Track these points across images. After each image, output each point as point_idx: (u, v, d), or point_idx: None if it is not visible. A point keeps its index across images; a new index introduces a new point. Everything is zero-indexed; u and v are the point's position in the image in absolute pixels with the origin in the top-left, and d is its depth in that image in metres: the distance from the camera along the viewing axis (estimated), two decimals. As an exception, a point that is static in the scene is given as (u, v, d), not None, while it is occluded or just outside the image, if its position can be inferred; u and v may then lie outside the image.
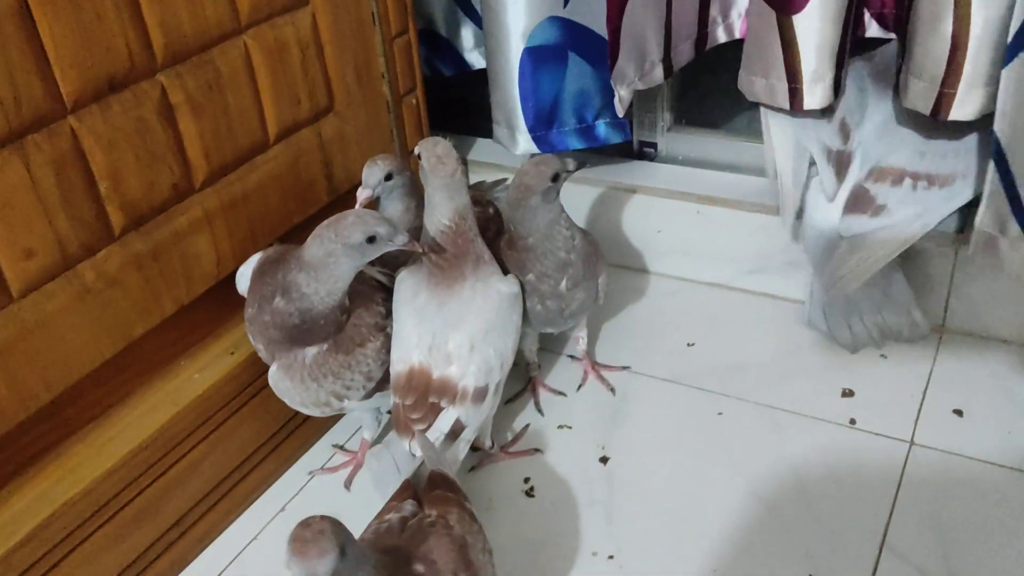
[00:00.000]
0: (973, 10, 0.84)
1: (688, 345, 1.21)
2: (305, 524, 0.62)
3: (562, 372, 1.19)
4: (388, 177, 1.00)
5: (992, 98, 0.87)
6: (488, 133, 1.27)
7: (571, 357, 1.20)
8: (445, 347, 0.92)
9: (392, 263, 1.07)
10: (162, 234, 0.90)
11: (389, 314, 0.97)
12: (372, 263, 1.01)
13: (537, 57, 1.16)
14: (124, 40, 0.82)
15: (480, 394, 0.92)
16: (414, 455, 0.90)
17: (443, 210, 0.93)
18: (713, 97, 1.34)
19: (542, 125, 1.20)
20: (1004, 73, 0.82)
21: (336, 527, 0.62)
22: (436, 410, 0.92)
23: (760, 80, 1.03)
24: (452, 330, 0.92)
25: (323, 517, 0.62)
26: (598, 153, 1.31)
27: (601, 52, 1.13)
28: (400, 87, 1.17)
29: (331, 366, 0.92)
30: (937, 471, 0.99)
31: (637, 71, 1.12)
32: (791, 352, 1.17)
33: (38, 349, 0.81)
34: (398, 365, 0.94)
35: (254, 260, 0.95)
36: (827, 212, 1.11)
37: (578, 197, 1.33)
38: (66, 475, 0.84)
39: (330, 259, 0.86)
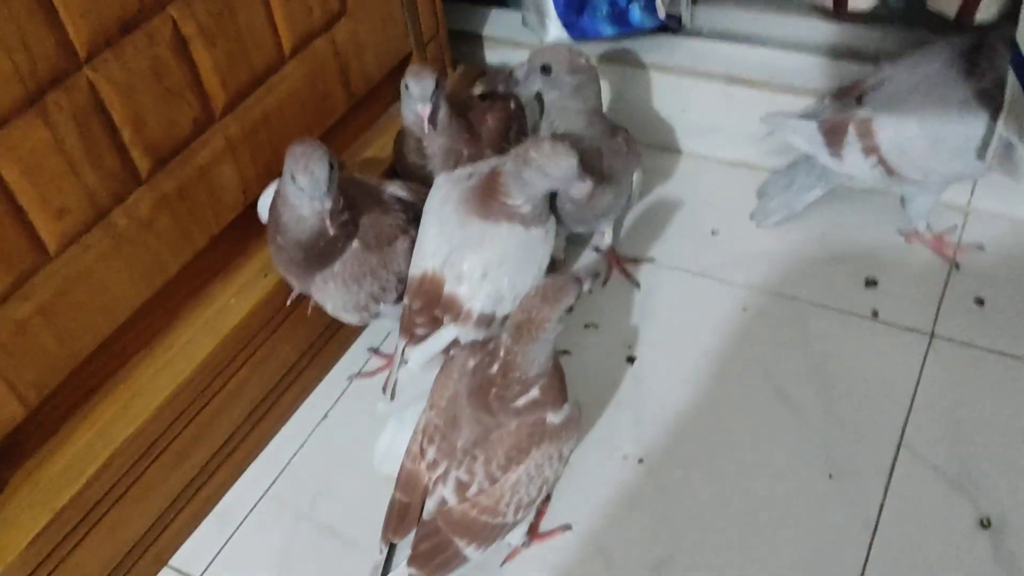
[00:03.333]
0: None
1: (712, 233, 1.21)
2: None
3: (587, 265, 1.20)
4: (437, 84, 0.99)
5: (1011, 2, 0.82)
6: (508, 2, 1.21)
7: (596, 249, 1.21)
8: (460, 265, 0.92)
9: (416, 175, 1.06)
10: (187, 170, 0.89)
11: (410, 221, 0.98)
12: (391, 177, 1.00)
13: (566, -57, 1.09)
14: (131, -21, 0.78)
15: (485, 320, 0.93)
16: (406, 361, 0.93)
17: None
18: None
19: (573, 10, 1.14)
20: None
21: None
22: (438, 324, 0.93)
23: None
24: (469, 251, 0.92)
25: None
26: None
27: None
28: (413, -23, 1.11)
29: (369, 265, 0.93)
30: (956, 366, 1.02)
31: None
32: (816, 238, 1.17)
33: (81, 300, 0.82)
34: (415, 268, 0.95)
35: (271, 188, 0.94)
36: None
37: (601, 73, 1.29)
38: (119, 414, 0.87)
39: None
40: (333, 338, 1.09)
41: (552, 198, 1.00)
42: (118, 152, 0.81)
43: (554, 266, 1.16)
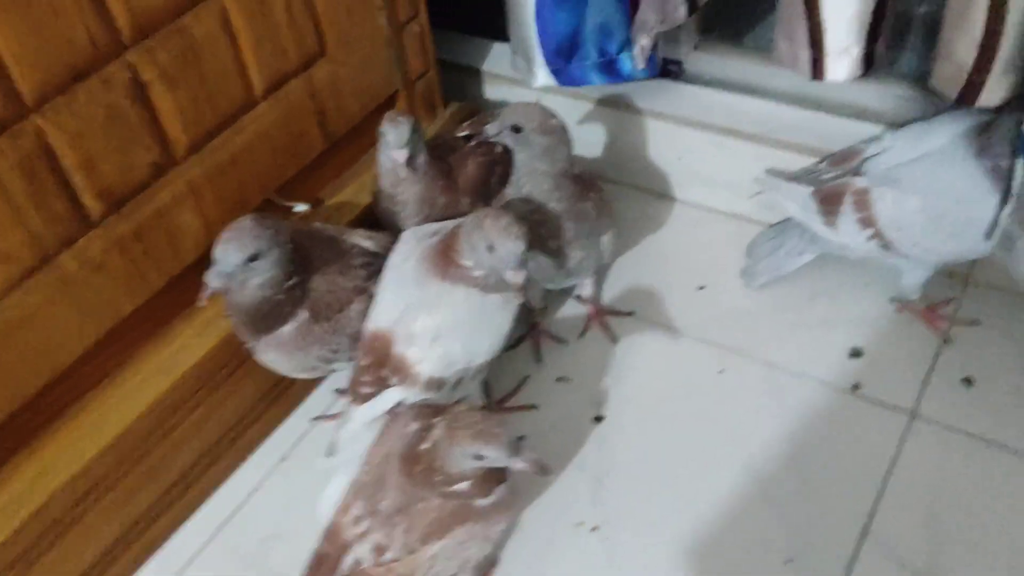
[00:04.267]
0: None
1: (699, 288, 1.18)
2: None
3: (568, 314, 1.18)
4: (413, 130, 0.98)
5: (1019, 83, 0.78)
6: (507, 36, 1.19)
7: (578, 298, 1.18)
8: (412, 325, 0.90)
9: (389, 220, 1.05)
10: (144, 213, 0.88)
11: (371, 276, 0.96)
12: (354, 225, 0.99)
13: (555, -13, 1.07)
14: (85, 28, 0.77)
15: (435, 384, 0.90)
16: (348, 419, 0.91)
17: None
18: (743, 12, 1.24)
19: (561, 58, 1.12)
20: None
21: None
22: (385, 385, 0.91)
23: (784, 43, 0.94)
24: (422, 312, 0.90)
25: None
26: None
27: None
28: (400, 16, 1.09)
29: (316, 335, 0.92)
30: (935, 450, 0.97)
31: (659, 15, 1.02)
32: (805, 300, 1.13)
33: (26, 341, 0.82)
34: (369, 324, 0.94)
35: None
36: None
37: (598, 116, 1.27)
38: (61, 454, 0.87)
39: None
40: (298, 381, 1.08)
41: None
42: (67, 197, 0.81)
43: (533, 315, 1.14)
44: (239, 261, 0.84)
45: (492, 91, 1.34)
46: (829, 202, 1.01)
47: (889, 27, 0.93)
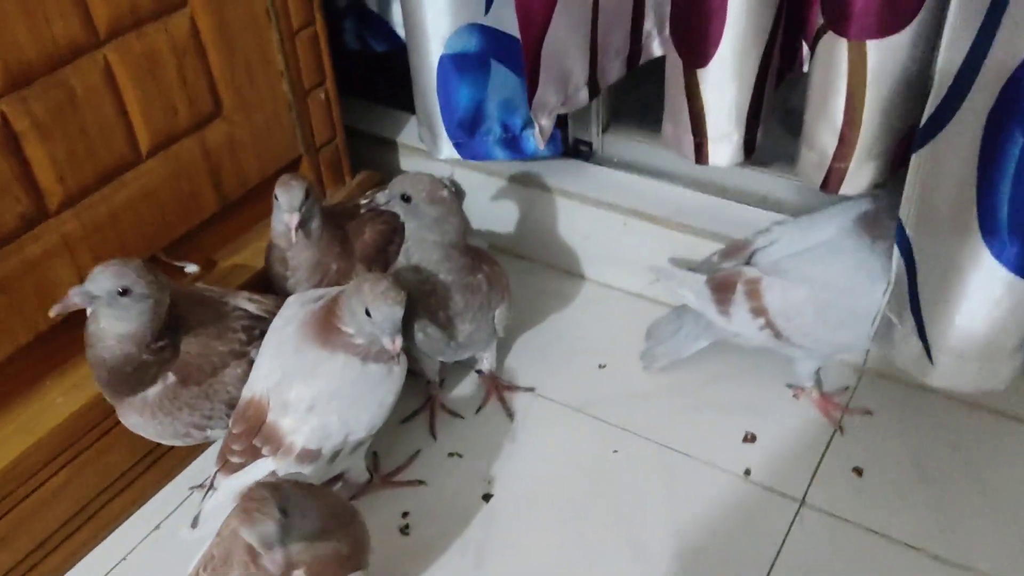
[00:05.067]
0: (868, 85, 0.76)
1: (600, 367, 1.16)
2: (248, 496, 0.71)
3: (466, 388, 1.16)
4: (307, 194, 0.97)
5: (882, 170, 0.79)
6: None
7: (478, 372, 1.16)
8: (287, 393, 0.87)
9: (279, 286, 1.03)
10: (11, 264, 0.85)
11: (252, 341, 0.94)
12: (246, 289, 0.97)
13: (457, 65, 1.07)
14: (-48, 74, 0.75)
15: (309, 456, 0.87)
16: (215, 489, 0.88)
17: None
18: (655, 96, 1.26)
19: (464, 133, 1.12)
20: (914, 159, 0.74)
21: (275, 491, 0.71)
22: (256, 455, 0.88)
23: (670, 127, 0.95)
24: (298, 380, 0.87)
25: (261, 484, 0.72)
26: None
27: (526, 62, 1.04)
28: (305, 82, 1.09)
29: (184, 399, 0.89)
30: (821, 538, 0.96)
31: (560, 96, 1.03)
32: (703, 383, 1.12)
33: None
34: (246, 390, 0.91)
35: None
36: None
37: (509, 193, 1.27)
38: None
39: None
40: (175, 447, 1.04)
41: (406, 330, 0.97)
42: (-76, 243, 0.78)
43: (430, 388, 1.12)
44: (110, 287, 0.80)
45: (408, 163, 1.34)
46: (722, 290, 1.01)
47: (771, 116, 0.94)
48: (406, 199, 0.93)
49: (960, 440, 1.03)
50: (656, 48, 1.06)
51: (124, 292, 0.81)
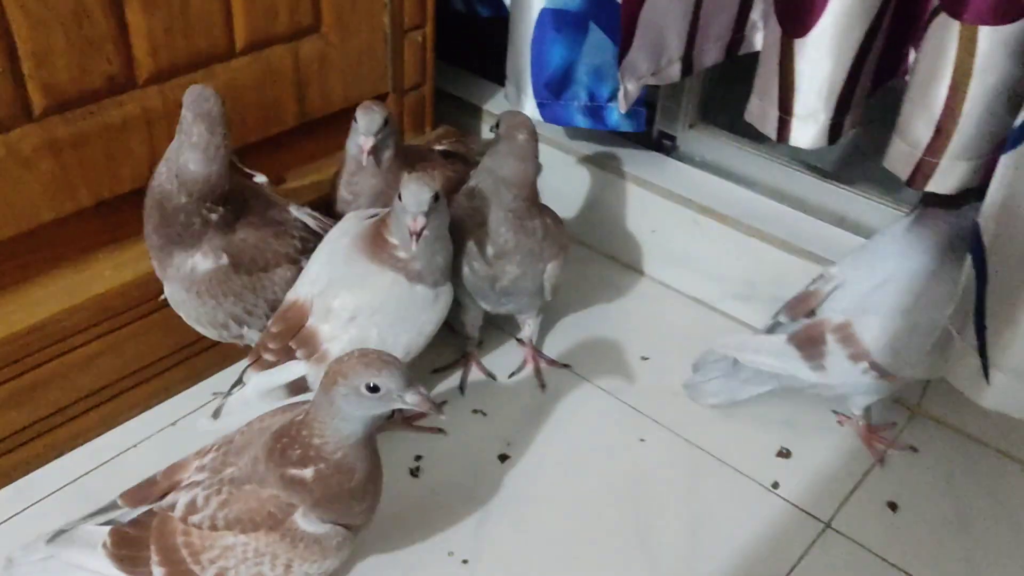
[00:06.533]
0: (973, 75, 0.73)
1: (642, 359, 1.14)
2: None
3: (505, 353, 1.14)
4: (386, 122, 0.97)
5: (972, 174, 0.76)
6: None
7: (518, 340, 1.15)
8: (331, 300, 0.87)
9: (343, 211, 1.03)
10: (89, 123, 0.87)
11: (305, 251, 0.94)
12: (302, 204, 0.98)
13: (556, 20, 1.07)
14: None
15: None
16: (244, 383, 0.87)
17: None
18: (745, 99, 1.24)
19: (550, 93, 1.11)
20: (1003, 160, 0.71)
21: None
22: (290, 355, 0.87)
23: (757, 100, 0.93)
24: (344, 288, 0.87)
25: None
26: (614, 133, 1.23)
27: (625, 30, 1.03)
28: (406, 20, 1.10)
29: (232, 286, 0.89)
30: (840, 564, 0.91)
31: (651, 65, 1.02)
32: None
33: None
34: (291, 293, 0.91)
35: None
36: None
37: (582, 173, 1.26)
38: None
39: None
40: (214, 348, 1.04)
41: (457, 266, 0.96)
42: (14, 79, 0.80)
43: (467, 344, 1.11)
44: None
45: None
46: (809, 345, 0.95)
47: (862, 103, 0.91)
48: (497, 126, 0.95)
49: (1005, 494, 0.98)
50: (758, 41, 1.04)
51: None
